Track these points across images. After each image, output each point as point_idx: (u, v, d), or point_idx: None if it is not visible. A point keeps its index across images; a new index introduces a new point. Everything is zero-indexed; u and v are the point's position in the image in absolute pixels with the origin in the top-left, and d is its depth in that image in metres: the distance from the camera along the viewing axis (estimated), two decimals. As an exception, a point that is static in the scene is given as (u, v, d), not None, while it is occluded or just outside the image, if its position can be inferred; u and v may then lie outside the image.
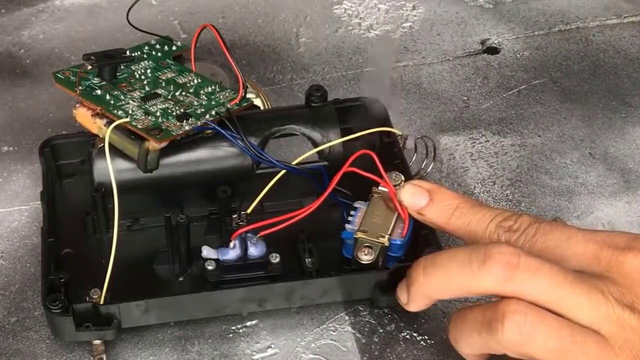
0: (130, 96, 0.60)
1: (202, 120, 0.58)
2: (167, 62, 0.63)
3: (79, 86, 0.60)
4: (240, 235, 0.56)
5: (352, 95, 0.72)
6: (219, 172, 0.59)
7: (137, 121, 0.57)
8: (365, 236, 0.55)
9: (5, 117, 0.71)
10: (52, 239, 0.58)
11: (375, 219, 0.56)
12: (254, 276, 0.56)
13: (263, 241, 0.56)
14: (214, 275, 0.56)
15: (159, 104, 0.59)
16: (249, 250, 0.56)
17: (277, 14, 0.80)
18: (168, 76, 0.62)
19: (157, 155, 0.57)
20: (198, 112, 0.59)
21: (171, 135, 0.57)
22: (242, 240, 0.56)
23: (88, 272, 0.57)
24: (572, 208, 0.64)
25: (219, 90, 0.61)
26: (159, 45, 0.65)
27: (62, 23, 0.78)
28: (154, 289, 0.57)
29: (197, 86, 0.61)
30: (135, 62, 0.63)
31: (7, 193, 0.65)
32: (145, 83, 0.61)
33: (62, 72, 0.61)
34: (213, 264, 0.56)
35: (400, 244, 0.56)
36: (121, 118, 0.57)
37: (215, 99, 0.60)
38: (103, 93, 0.59)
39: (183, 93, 0.60)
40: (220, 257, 0.56)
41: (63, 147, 0.62)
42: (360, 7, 0.80)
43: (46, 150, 0.62)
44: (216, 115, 0.59)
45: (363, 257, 0.55)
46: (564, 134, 0.69)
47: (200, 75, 0.62)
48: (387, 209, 0.56)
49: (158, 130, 0.57)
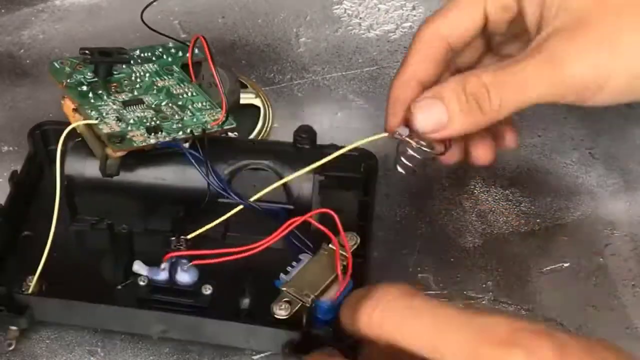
0: (114, 98, 0.59)
1: (173, 136, 0.57)
2: (173, 69, 0.63)
3: (69, 79, 0.60)
4: (171, 258, 0.55)
5: (352, 95, 0.72)
6: (178, 192, 0.58)
7: (105, 125, 0.57)
8: (291, 291, 0.53)
9: (5, 117, 0.71)
10: (1, 218, 0.58)
11: (310, 276, 0.53)
12: (180, 302, 0.55)
13: (196, 270, 0.55)
14: (143, 292, 0.55)
15: (138, 111, 0.59)
16: (177, 276, 0.55)
17: (277, 14, 0.79)
18: (165, 84, 0.62)
19: (116, 163, 0.56)
20: (174, 126, 0.58)
21: (131, 146, 0.56)
22: (172, 264, 0.55)
23: (39, 258, 0.55)
24: (572, 208, 0.64)
25: (208, 107, 0.60)
26: (174, 49, 0.64)
27: (62, 23, 0.78)
28: (88, 291, 0.55)
29: (189, 99, 0.61)
30: (140, 63, 0.62)
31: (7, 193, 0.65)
32: (136, 87, 0.61)
33: (59, 62, 0.61)
34: (146, 280, 0.55)
35: (327, 307, 0.52)
36: (92, 118, 0.57)
37: (199, 116, 0.59)
38: (87, 90, 0.59)
39: (169, 104, 0.60)
40: (149, 275, 0.55)
41: (55, 132, 0.62)
42: (360, 7, 0.80)
43: (36, 134, 0.62)
44: (190, 133, 0.58)
45: (277, 311, 0.52)
46: (564, 134, 0.69)
47: (198, 89, 0.62)
48: (328, 268, 0.54)
49: (120, 139, 0.56)
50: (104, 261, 0.58)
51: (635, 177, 0.66)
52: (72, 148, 0.59)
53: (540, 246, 0.62)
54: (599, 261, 0.61)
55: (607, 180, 0.66)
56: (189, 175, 0.58)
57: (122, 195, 0.59)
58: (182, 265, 0.55)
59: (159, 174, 0.58)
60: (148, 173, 0.58)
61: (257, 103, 0.71)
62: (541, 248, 0.62)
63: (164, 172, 0.58)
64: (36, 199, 0.62)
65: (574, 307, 0.59)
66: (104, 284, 0.57)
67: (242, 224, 0.58)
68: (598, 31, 0.53)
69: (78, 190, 0.59)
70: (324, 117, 0.71)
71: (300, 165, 0.57)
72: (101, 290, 0.56)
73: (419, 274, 0.61)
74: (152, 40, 0.65)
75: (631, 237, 0.63)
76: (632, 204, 0.65)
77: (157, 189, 0.58)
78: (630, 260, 0.61)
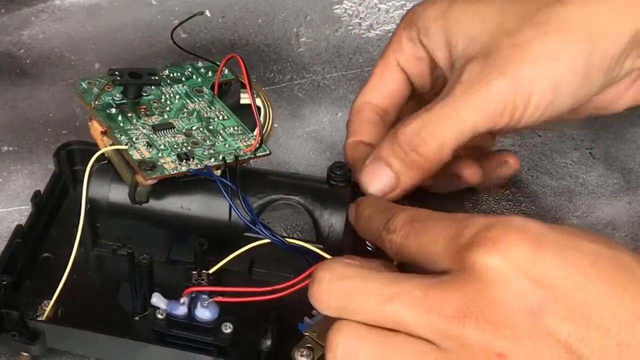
0: (144, 121, 0.57)
1: (205, 164, 0.55)
2: (203, 90, 0.61)
3: (97, 100, 0.58)
4: (191, 293, 0.53)
5: (352, 95, 0.72)
6: (203, 222, 0.56)
7: (135, 151, 0.55)
8: (314, 336, 0.50)
9: (5, 117, 0.71)
10: (19, 239, 0.56)
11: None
12: (198, 339, 0.53)
13: (217, 306, 0.53)
14: (160, 326, 0.53)
15: (169, 136, 0.57)
16: (197, 311, 0.53)
17: (277, 14, 0.79)
18: (195, 106, 0.60)
19: (147, 190, 0.55)
20: (205, 153, 0.56)
21: (163, 174, 0.54)
22: (192, 299, 0.53)
23: (57, 281, 0.54)
24: (573, 208, 0.64)
25: (240, 133, 0.58)
26: (204, 69, 0.62)
27: (62, 23, 0.78)
28: (105, 321, 0.54)
29: (220, 123, 0.59)
30: (169, 84, 0.61)
31: (7, 193, 0.65)
32: (166, 110, 0.59)
33: (87, 82, 0.59)
34: (164, 313, 0.53)
35: None
36: (121, 143, 0.55)
37: (232, 142, 0.57)
38: (117, 112, 0.57)
39: (200, 129, 0.58)
40: (168, 309, 0.53)
41: (81, 153, 0.61)
42: (360, 7, 0.80)
43: (62, 153, 0.61)
44: (222, 160, 0.56)
45: (298, 357, 0.50)
46: (564, 134, 0.69)
47: (229, 112, 0.60)
48: None
49: (151, 166, 0.54)
50: (122, 290, 0.56)
51: (635, 177, 0.66)
52: (97, 171, 0.57)
53: (540, 246, 0.62)
54: (599, 261, 0.61)
55: (607, 180, 0.66)
56: (216, 205, 0.56)
57: (146, 222, 0.57)
58: (203, 301, 0.52)
59: (186, 203, 0.56)
60: (175, 201, 0.56)
61: (257, 103, 0.71)
62: (541, 248, 0.62)
63: (191, 201, 0.56)
64: (58, 219, 0.60)
65: (574, 307, 0.59)
66: (121, 314, 0.55)
67: (269, 260, 0.56)
68: (509, 48, 0.53)
69: (101, 214, 0.57)
70: (324, 117, 0.71)
71: (331, 203, 0.56)
72: (117, 321, 0.55)
73: (419, 274, 0.60)
74: (153, 40, 0.65)
75: (631, 237, 0.63)
76: (632, 204, 0.65)
77: (182, 218, 0.56)
78: (630, 260, 0.61)
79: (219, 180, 0.54)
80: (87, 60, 0.75)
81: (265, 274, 0.57)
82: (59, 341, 0.54)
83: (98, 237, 0.59)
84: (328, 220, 0.56)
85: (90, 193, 0.56)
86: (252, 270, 0.58)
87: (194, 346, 0.53)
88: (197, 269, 0.54)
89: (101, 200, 0.57)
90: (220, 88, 0.62)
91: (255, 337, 0.54)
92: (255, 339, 0.54)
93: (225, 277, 0.55)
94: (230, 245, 0.54)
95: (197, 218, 0.56)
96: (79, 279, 0.55)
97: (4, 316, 0.53)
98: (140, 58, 0.74)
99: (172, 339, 0.53)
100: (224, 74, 0.62)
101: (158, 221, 0.57)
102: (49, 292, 0.54)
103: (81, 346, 0.54)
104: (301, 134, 0.70)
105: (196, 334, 0.53)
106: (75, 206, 0.58)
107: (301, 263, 0.54)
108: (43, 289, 0.55)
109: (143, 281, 0.54)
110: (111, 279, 0.57)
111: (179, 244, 0.58)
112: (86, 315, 0.55)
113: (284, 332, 0.53)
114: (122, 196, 0.56)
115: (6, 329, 0.53)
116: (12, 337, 0.53)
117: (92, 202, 0.56)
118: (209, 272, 0.53)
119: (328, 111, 0.71)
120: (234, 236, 0.55)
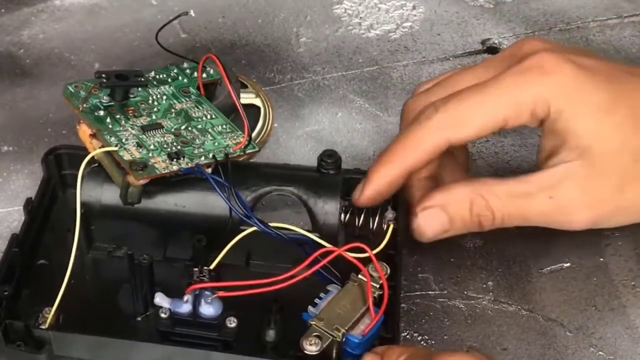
0: (132, 123, 0.57)
1: (195, 162, 0.55)
2: (189, 90, 0.61)
3: (85, 103, 0.58)
4: (195, 290, 0.53)
5: (352, 95, 0.72)
6: (199, 219, 0.56)
7: (125, 152, 0.55)
8: (321, 325, 0.51)
9: (5, 117, 0.71)
10: (16, 249, 0.56)
11: (340, 309, 0.52)
12: (203, 336, 0.53)
13: (220, 302, 0.53)
14: (165, 325, 0.53)
15: (158, 136, 0.57)
16: (201, 308, 0.53)
17: (277, 14, 0.79)
18: (183, 106, 0.60)
19: (138, 190, 0.55)
20: (195, 151, 0.56)
21: (154, 174, 0.54)
22: (196, 296, 0.53)
23: (55, 288, 0.54)
24: (573, 208, 0.64)
25: (228, 131, 0.59)
26: (190, 70, 0.62)
27: (62, 23, 0.78)
28: (108, 324, 0.55)
29: (208, 122, 0.59)
30: (156, 85, 0.61)
31: (7, 193, 0.65)
32: (154, 110, 0.59)
33: (74, 85, 0.59)
34: (167, 312, 0.53)
35: (358, 342, 0.51)
36: (111, 145, 0.55)
37: (221, 140, 0.58)
38: (105, 115, 0.57)
39: (189, 128, 0.58)
40: (172, 307, 0.53)
41: (69, 157, 0.61)
42: (360, 7, 0.80)
43: (50, 158, 0.61)
44: (213, 158, 0.56)
45: (307, 346, 0.50)
46: (564, 134, 0.69)
47: (216, 111, 0.60)
48: (358, 300, 0.52)
49: (142, 166, 0.54)
50: (122, 291, 0.56)
51: (635, 177, 0.66)
52: (88, 174, 0.57)
53: (540, 246, 0.62)
54: (599, 261, 0.61)
55: (608, 180, 0.66)
56: (210, 202, 0.56)
57: (140, 222, 0.57)
58: (206, 298, 0.53)
59: (180, 201, 0.57)
60: (168, 200, 0.57)
61: (257, 103, 0.71)
62: (541, 248, 0.62)
63: (185, 199, 0.57)
64: (49, 225, 0.60)
65: (574, 307, 0.59)
66: (122, 315, 0.55)
67: (265, 251, 0.57)
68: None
69: (94, 217, 0.57)
70: (324, 117, 0.71)
71: (325, 191, 0.56)
72: (120, 323, 0.55)
73: (419, 274, 0.60)
74: (152, 40, 0.65)
75: (631, 237, 0.63)
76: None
77: (177, 216, 0.57)
78: (630, 260, 0.61)
79: (211, 177, 0.54)
80: (87, 60, 0.75)
81: (262, 265, 0.57)
82: (65, 348, 0.54)
83: (92, 240, 0.59)
84: (322, 209, 0.57)
85: (83, 196, 0.56)
86: (250, 263, 0.58)
87: (200, 343, 0.53)
88: (196, 265, 0.54)
89: (94, 203, 0.57)
90: (207, 88, 0.62)
91: (260, 329, 0.54)
92: (260, 331, 0.54)
93: (223, 271, 0.55)
94: (227, 240, 0.55)
95: (192, 215, 0.57)
96: (76, 283, 0.55)
97: (7, 327, 0.53)
98: (140, 58, 0.74)
99: (178, 337, 0.53)
100: (209, 73, 0.62)
101: (153, 220, 0.57)
102: (48, 300, 0.53)
103: (88, 351, 0.54)
104: (301, 134, 0.70)
105: (201, 330, 0.53)
106: (65, 210, 0.58)
107: (297, 252, 0.54)
108: (41, 297, 0.54)
109: (144, 282, 0.54)
110: (109, 282, 0.57)
111: (174, 242, 0.58)
112: (88, 319, 0.55)
113: (287, 323, 0.53)
114: (114, 198, 0.56)
115: (12, 340, 0.53)
116: (18, 347, 0.53)
117: (84, 205, 0.56)
118: (210, 268, 0.54)
119: (328, 111, 0.71)
120: (230, 231, 0.55)
